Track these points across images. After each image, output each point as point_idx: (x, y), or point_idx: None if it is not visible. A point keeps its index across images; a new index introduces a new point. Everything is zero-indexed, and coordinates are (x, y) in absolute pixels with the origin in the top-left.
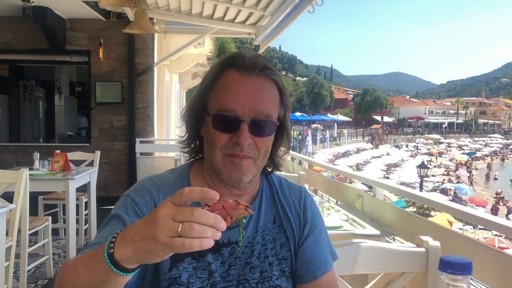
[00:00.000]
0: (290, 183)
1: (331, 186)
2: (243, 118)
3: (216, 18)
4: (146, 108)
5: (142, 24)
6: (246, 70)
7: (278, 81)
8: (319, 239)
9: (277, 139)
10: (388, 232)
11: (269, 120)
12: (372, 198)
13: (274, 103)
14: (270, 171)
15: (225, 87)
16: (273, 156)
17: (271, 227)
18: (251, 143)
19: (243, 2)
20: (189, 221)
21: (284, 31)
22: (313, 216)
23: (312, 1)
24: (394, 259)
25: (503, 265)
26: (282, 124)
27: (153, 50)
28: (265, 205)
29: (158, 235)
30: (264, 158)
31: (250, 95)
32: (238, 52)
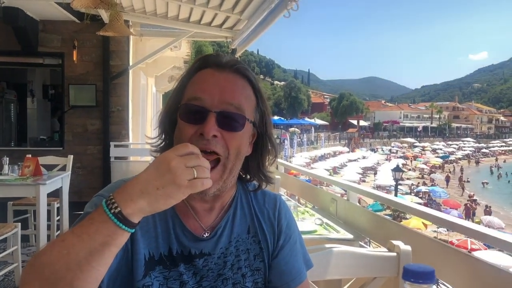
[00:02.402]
0: (265, 191)
1: (307, 190)
2: (211, 108)
3: (193, 22)
4: (121, 111)
5: (117, 27)
6: (219, 66)
7: (254, 82)
8: (293, 250)
9: (261, 151)
10: (361, 236)
11: (239, 114)
12: (346, 202)
13: (246, 100)
14: (258, 186)
15: (197, 80)
16: (261, 169)
17: (245, 237)
18: (219, 138)
19: (219, 6)
20: (199, 165)
21: (260, 35)
22: (288, 225)
23: (288, 6)
24: (366, 264)
25: (471, 269)
26: (264, 134)
27: (129, 53)
28: (240, 214)
29: (179, 180)
30: (236, 159)
31: (221, 87)
32: (214, 54)
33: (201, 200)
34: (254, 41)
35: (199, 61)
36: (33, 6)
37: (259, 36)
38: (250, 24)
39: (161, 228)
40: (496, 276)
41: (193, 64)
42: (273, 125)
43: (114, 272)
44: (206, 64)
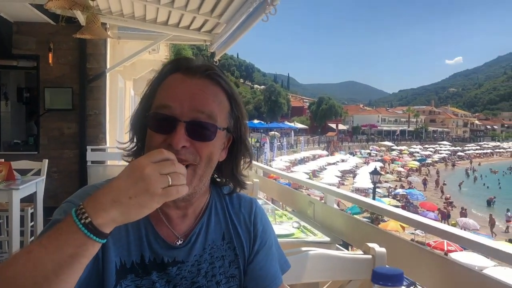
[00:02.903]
0: (240, 195)
1: (285, 194)
2: (181, 117)
3: (171, 25)
4: (98, 115)
5: (94, 29)
6: (190, 71)
7: (227, 88)
8: (269, 254)
9: (236, 155)
10: (338, 239)
11: (210, 123)
12: (323, 205)
13: (218, 107)
14: (233, 190)
15: (166, 87)
16: (235, 173)
17: (220, 244)
18: (190, 147)
19: (197, 9)
20: (174, 172)
21: (239, 39)
22: (264, 230)
23: (266, 10)
24: (341, 267)
25: (445, 270)
26: (239, 138)
27: (106, 56)
28: (214, 220)
29: (153, 189)
30: (207, 167)
31: (191, 94)
32: (186, 57)
33: (175, 206)
34: (232, 45)
35: (169, 65)
36: (6, 7)
37: (237, 39)
38: (229, 28)
39: (133, 236)
40: (469, 277)
41: (163, 68)
42: (252, 128)
43: (84, 282)
44: (176, 69)
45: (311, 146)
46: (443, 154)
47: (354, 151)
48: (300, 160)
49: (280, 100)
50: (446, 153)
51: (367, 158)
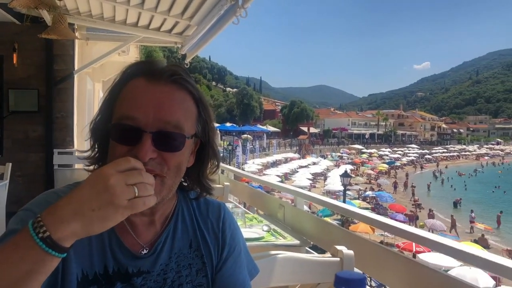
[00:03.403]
0: (208, 200)
1: (255, 197)
2: (146, 128)
3: (141, 26)
4: (66, 117)
5: (61, 30)
6: (154, 77)
7: (194, 92)
8: (238, 261)
9: (203, 160)
10: (307, 242)
11: (178, 133)
12: (293, 208)
13: (186, 115)
14: (198, 195)
15: (129, 95)
16: (201, 178)
17: (187, 252)
18: (157, 158)
19: (168, 10)
20: (141, 182)
21: (210, 41)
22: (232, 236)
23: (237, 12)
24: (310, 270)
25: (412, 272)
26: (206, 143)
27: (74, 57)
28: (181, 227)
29: (118, 200)
30: (176, 176)
31: (156, 103)
32: (149, 60)
33: (140, 213)
34: (204, 47)
35: (130, 68)
36: None
37: (208, 42)
38: (200, 30)
39: (96, 245)
40: (434, 278)
41: (124, 71)
42: (225, 131)
43: None
44: (139, 72)
45: (283, 149)
46: (412, 157)
47: (325, 154)
48: (272, 163)
49: (252, 103)
50: (415, 156)
51: (338, 161)
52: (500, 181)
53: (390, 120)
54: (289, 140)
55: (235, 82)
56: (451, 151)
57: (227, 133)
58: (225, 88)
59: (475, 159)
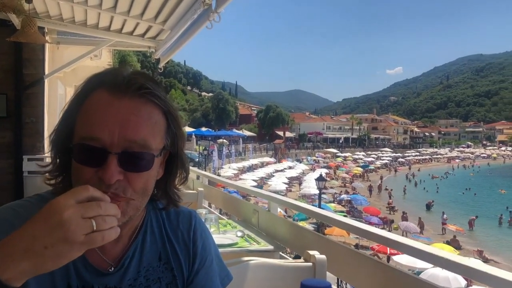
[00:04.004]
0: (178, 210)
1: (230, 202)
2: (111, 149)
3: (114, 30)
4: (36, 123)
5: (30, 34)
6: (118, 90)
7: (162, 104)
8: (209, 272)
9: (171, 171)
10: (281, 247)
11: (145, 152)
12: (267, 213)
13: (154, 130)
14: (165, 206)
15: (91, 110)
16: (167, 190)
17: (156, 265)
18: (123, 180)
19: (141, 15)
20: (99, 215)
21: (184, 45)
22: (204, 246)
23: (210, 17)
24: (282, 276)
25: (384, 276)
26: (175, 154)
27: (44, 61)
28: (150, 240)
29: (73, 237)
30: (143, 195)
31: (121, 121)
32: (111, 68)
33: None
34: (177, 52)
35: (93, 79)
36: None
37: (182, 46)
38: (173, 34)
39: None
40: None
41: (86, 82)
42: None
43: None
44: (102, 84)
45: (259, 153)
46: (385, 160)
47: (301, 158)
48: (248, 167)
49: (228, 108)
50: (388, 159)
51: (314, 165)
52: (470, 183)
53: (364, 124)
54: (265, 145)
55: (210, 86)
56: (423, 154)
57: (202, 138)
58: (200, 93)
59: (447, 162)
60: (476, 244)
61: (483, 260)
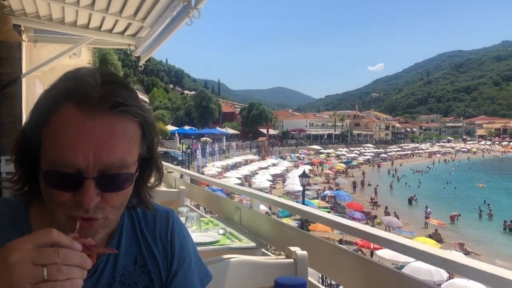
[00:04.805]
0: (156, 210)
1: (212, 200)
2: (88, 173)
3: (92, 28)
4: (14, 123)
5: (4, 32)
6: (90, 107)
7: (138, 116)
8: (188, 273)
9: (144, 173)
10: (264, 244)
11: (123, 173)
12: (249, 210)
13: (130, 146)
14: (134, 205)
15: (60, 132)
16: (139, 192)
17: (132, 269)
18: (100, 201)
19: (120, 12)
20: (54, 263)
21: (164, 42)
22: (182, 246)
23: (190, 13)
24: (264, 272)
25: (365, 271)
26: (150, 157)
27: (21, 60)
28: (125, 243)
29: (17, 283)
30: (120, 209)
31: (96, 143)
32: (79, 78)
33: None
34: (157, 49)
35: (55, 93)
36: None
37: (162, 43)
38: (153, 32)
39: None
40: (386, 276)
41: (48, 95)
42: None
43: None
44: (68, 99)
45: (243, 151)
46: (368, 156)
47: (285, 155)
48: (232, 165)
49: (211, 106)
50: (370, 155)
51: (297, 162)
52: (451, 177)
53: (346, 121)
54: (249, 142)
55: (193, 84)
56: (405, 150)
57: (185, 136)
58: (183, 91)
59: (428, 156)
60: (457, 237)
61: (464, 252)
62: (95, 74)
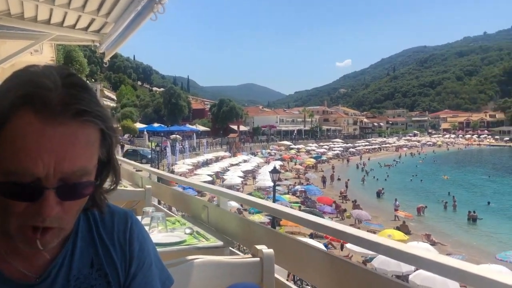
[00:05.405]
0: (113, 211)
1: (179, 199)
2: (47, 184)
3: (54, 24)
4: None
5: None
6: (50, 115)
7: (97, 120)
8: (148, 275)
9: (100, 176)
10: (231, 242)
11: (84, 182)
12: (216, 208)
13: (91, 152)
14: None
15: (18, 140)
16: (94, 194)
17: (88, 272)
18: (59, 210)
19: (82, 7)
20: None
21: (129, 38)
22: (141, 248)
23: (154, 8)
24: (230, 272)
25: (331, 268)
26: (108, 159)
27: None
28: (80, 246)
29: None
30: (76, 216)
31: (58, 151)
32: (36, 81)
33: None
34: (123, 45)
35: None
36: None
37: (127, 39)
38: (118, 27)
39: None
40: (352, 272)
41: (7, 99)
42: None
43: None
44: (25, 103)
45: (214, 148)
46: (337, 151)
47: (256, 151)
48: (203, 162)
49: (180, 103)
50: (339, 150)
51: (268, 158)
52: (417, 170)
53: (316, 116)
54: (219, 139)
55: (161, 81)
56: (373, 144)
57: (155, 134)
58: (151, 88)
59: (395, 150)
60: (424, 228)
61: (431, 243)
62: (52, 75)
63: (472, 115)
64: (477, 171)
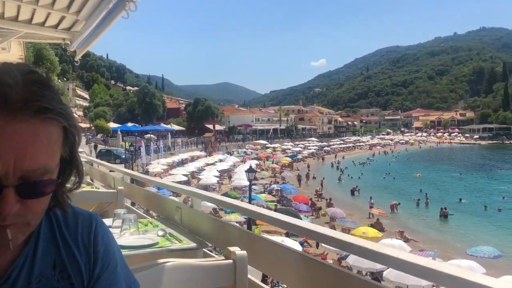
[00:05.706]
0: (77, 212)
1: (152, 200)
2: (7, 182)
3: (22, 21)
4: None
5: None
6: (12, 112)
7: (60, 118)
8: (113, 277)
9: (63, 175)
10: (205, 244)
11: (45, 180)
12: (190, 209)
13: (53, 150)
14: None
15: None
16: (56, 193)
17: (51, 274)
18: (20, 208)
19: (51, 4)
20: None
21: (100, 36)
22: (106, 250)
23: (126, 6)
24: (203, 275)
25: (304, 268)
26: (71, 159)
27: None
28: (42, 247)
29: None
30: (42, 214)
31: (18, 149)
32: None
33: None
34: (94, 43)
35: None
36: None
37: (99, 37)
38: (89, 25)
39: None
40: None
41: None
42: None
43: None
44: None
45: (189, 147)
46: (312, 150)
47: (232, 151)
48: (178, 162)
49: (155, 102)
50: (315, 149)
51: (244, 157)
52: (390, 168)
53: (291, 115)
54: (195, 138)
55: (135, 80)
56: (347, 143)
57: (129, 134)
58: (125, 87)
59: (369, 149)
60: (397, 225)
61: (404, 240)
62: (12, 71)
63: (443, 114)
64: (448, 169)
